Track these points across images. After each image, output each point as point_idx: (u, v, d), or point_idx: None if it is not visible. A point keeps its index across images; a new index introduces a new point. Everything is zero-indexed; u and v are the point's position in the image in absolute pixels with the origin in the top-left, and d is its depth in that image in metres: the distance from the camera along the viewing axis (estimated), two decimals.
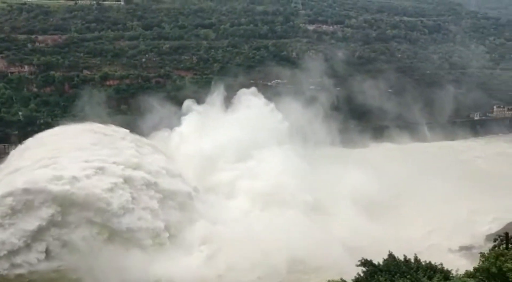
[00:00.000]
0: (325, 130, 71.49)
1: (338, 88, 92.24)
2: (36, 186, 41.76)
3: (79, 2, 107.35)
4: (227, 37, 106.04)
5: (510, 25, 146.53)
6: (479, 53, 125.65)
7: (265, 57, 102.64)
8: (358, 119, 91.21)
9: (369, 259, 20.27)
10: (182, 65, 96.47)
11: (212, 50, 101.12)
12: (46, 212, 41.05)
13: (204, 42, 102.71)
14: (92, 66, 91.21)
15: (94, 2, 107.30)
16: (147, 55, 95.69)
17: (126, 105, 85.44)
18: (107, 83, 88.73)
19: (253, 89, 72.91)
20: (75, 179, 42.90)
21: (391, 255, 20.69)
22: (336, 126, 77.08)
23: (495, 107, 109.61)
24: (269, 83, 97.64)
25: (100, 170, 45.03)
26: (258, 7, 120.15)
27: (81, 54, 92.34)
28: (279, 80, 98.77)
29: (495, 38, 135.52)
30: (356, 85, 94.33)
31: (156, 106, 71.08)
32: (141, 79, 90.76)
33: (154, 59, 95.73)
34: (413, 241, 43.03)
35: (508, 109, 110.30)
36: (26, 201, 41.15)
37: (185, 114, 67.26)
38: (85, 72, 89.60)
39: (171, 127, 66.10)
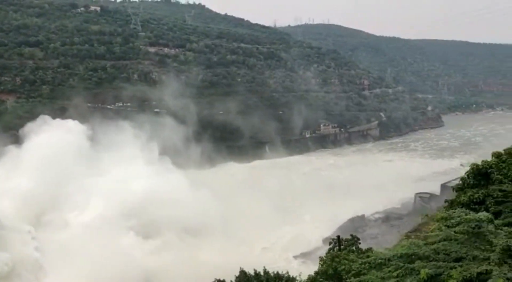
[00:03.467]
0: (174, 153, 70.65)
1: (184, 111, 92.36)
2: None
3: None
4: (57, 57, 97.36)
5: (329, 54, 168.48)
6: (306, 78, 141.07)
7: (104, 79, 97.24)
8: (206, 140, 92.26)
9: (221, 279, 20.26)
10: (2, 87, 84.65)
11: (40, 71, 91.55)
12: None
13: (30, 61, 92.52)
14: None
15: None
16: None
17: None
18: None
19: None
20: None
21: (242, 272, 20.88)
22: (184, 148, 77.05)
23: (322, 125, 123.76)
24: (110, 107, 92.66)
25: None
26: (93, 27, 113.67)
27: None
28: (121, 104, 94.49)
29: (318, 65, 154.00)
30: (200, 107, 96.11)
31: None
32: None
33: None
34: (260, 254, 44.71)
35: (332, 127, 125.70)
36: None
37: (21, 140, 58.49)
38: None
39: None
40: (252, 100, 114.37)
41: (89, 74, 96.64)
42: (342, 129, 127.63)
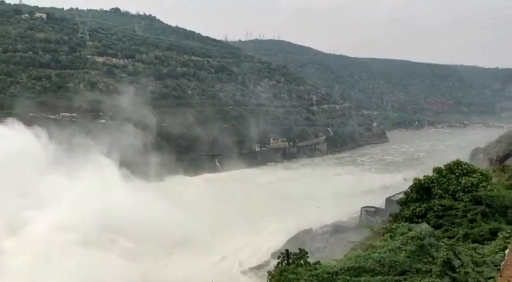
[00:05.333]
0: (122, 164, 68.76)
1: (132, 123, 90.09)
2: None
3: None
4: None
5: (279, 69, 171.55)
6: (256, 93, 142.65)
7: (48, 88, 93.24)
8: (156, 152, 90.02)
9: None
10: None
11: None
12: None
13: None
14: None
15: None
16: None
17: None
18: None
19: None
20: None
21: None
22: (134, 159, 75.31)
23: (271, 139, 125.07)
24: (54, 117, 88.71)
25: None
26: (38, 34, 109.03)
27: None
28: (66, 114, 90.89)
29: (269, 80, 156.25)
30: (150, 119, 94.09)
31: None
32: None
33: None
34: (210, 267, 44.20)
35: (282, 141, 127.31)
36: None
37: None
38: None
39: None
40: (202, 113, 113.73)
41: (33, 83, 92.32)
42: (291, 144, 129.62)
